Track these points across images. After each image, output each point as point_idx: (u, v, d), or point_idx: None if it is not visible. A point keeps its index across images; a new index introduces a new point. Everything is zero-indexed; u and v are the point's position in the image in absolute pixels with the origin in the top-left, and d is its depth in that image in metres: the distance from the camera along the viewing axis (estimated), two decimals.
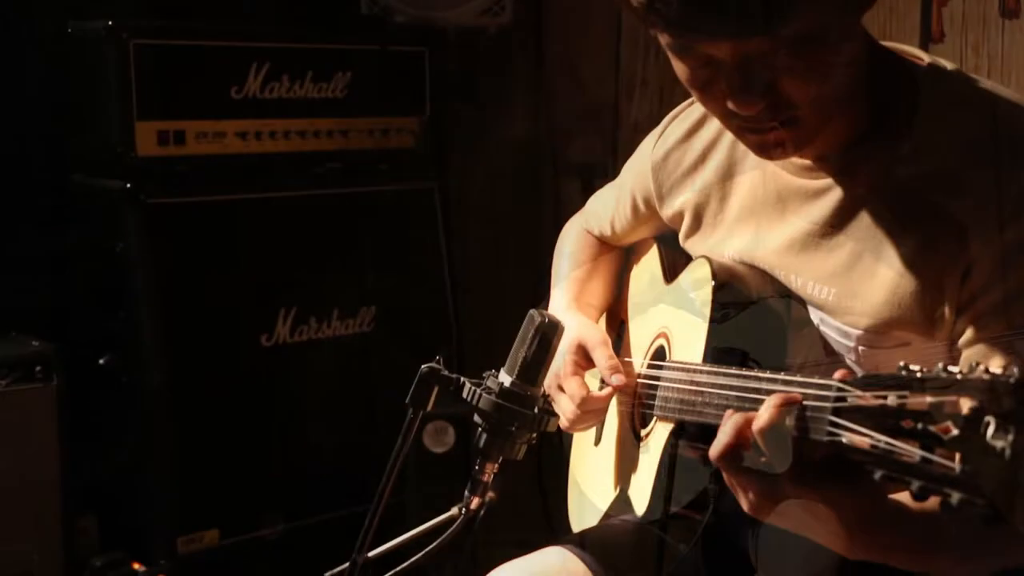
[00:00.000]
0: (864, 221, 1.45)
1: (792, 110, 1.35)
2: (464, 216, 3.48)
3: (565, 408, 1.72)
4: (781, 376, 1.24)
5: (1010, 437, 0.92)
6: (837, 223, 1.48)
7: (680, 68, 1.39)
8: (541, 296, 1.94)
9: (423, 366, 1.55)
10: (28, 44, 3.02)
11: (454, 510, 1.60)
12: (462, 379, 1.57)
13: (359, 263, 3.11)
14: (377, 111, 3.16)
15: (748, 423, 1.21)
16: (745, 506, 1.26)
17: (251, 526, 2.92)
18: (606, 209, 1.92)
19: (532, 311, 1.58)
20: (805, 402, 1.17)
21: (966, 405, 0.96)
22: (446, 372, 1.56)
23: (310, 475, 3.01)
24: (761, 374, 1.29)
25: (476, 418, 1.57)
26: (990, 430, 0.93)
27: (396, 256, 3.18)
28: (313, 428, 3.02)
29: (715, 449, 1.24)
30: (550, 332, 1.55)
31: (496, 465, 1.58)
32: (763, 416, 1.19)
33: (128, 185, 2.76)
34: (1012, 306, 1.33)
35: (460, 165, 3.55)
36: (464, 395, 1.57)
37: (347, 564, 1.58)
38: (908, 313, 1.41)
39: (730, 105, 1.35)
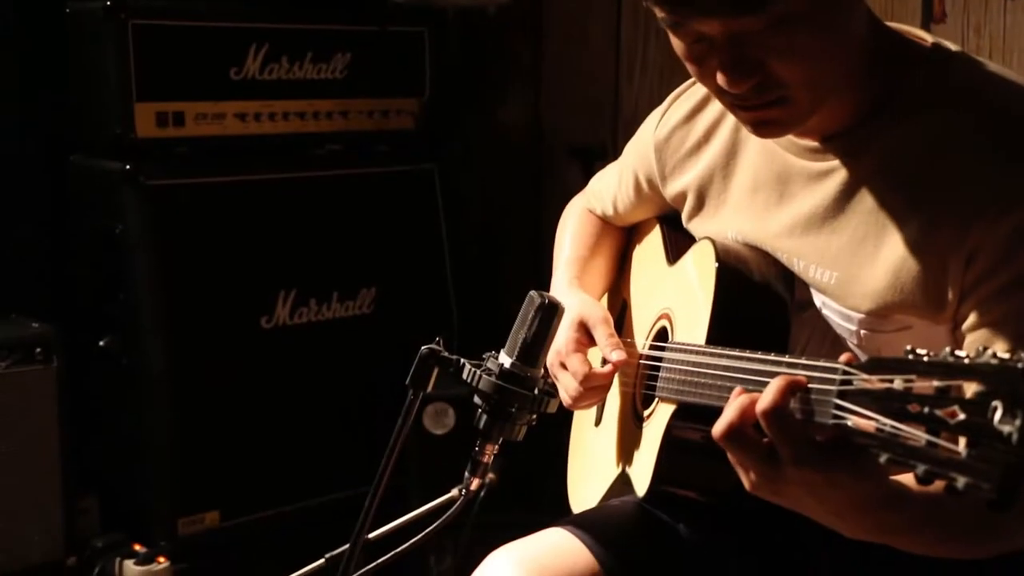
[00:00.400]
0: (867, 204, 1.44)
1: (783, 90, 1.35)
2: (464, 197, 3.48)
3: (568, 385, 1.71)
4: (786, 359, 1.24)
5: (1018, 422, 0.91)
6: (840, 206, 1.47)
7: (675, 42, 1.39)
8: (541, 277, 1.94)
9: (423, 347, 1.55)
10: (27, 25, 3.01)
11: (454, 491, 1.61)
12: (462, 360, 1.56)
13: (359, 245, 3.11)
14: (377, 92, 3.15)
15: (753, 404, 1.20)
16: (746, 485, 1.26)
17: (252, 508, 2.93)
18: (608, 189, 1.92)
19: (532, 292, 1.57)
20: (810, 385, 1.16)
21: (973, 389, 0.95)
22: (446, 353, 1.55)
23: (310, 457, 3.01)
24: (765, 356, 1.29)
25: (476, 399, 1.56)
26: (997, 415, 0.92)
27: (396, 238, 3.18)
28: (313, 410, 3.02)
29: (718, 428, 1.24)
30: (550, 313, 1.55)
31: (496, 446, 1.58)
32: (767, 398, 1.18)
33: (127, 167, 2.76)
34: (1016, 291, 1.32)
35: (460, 146, 3.54)
36: (464, 376, 1.56)
37: (347, 546, 1.57)
38: (911, 297, 1.40)
39: (719, 82, 1.35)
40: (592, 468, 1.89)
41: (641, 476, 1.63)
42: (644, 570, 1.61)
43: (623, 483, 1.73)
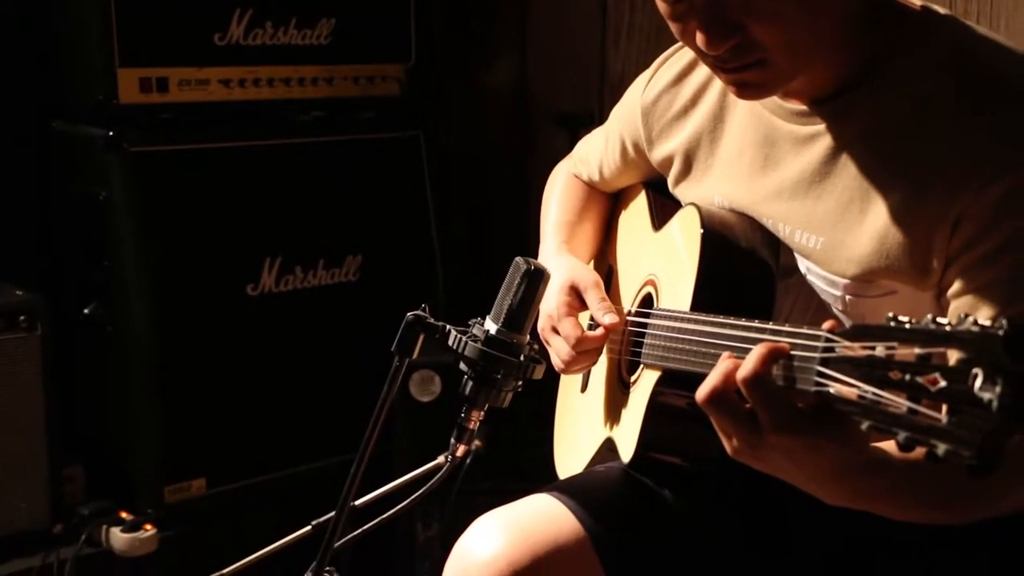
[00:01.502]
0: (853, 169, 1.45)
1: (761, 52, 1.36)
2: (450, 164, 3.48)
3: (560, 350, 1.72)
4: (770, 326, 1.25)
5: (998, 389, 0.92)
6: (826, 170, 1.47)
7: (658, 2, 1.40)
8: (528, 243, 1.95)
9: (409, 313, 1.55)
10: None
11: (440, 458, 1.61)
12: (448, 327, 1.57)
13: (344, 212, 3.11)
14: (362, 58, 3.14)
15: (737, 369, 1.21)
16: (728, 450, 1.27)
17: (238, 475, 2.94)
18: (594, 153, 1.92)
19: (518, 258, 1.58)
20: (793, 352, 1.17)
21: (954, 356, 0.96)
22: (431, 320, 1.56)
23: (297, 424, 3.02)
24: (749, 323, 1.29)
25: (462, 366, 1.57)
26: (978, 382, 0.93)
27: (382, 205, 3.18)
28: (299, 378, 3.02)
29: (702, 392, 1.25)
30: (536, 279, 1.56)
31: (482, 413, 1.59)
32: (748, 365, 1.19)
33: (111, 133, 2.74)
34: (1001, 258, 1.33)
35: (446, 113, 3.54)
36: (450, 343, 1.57)
37: (333, 513, 1.58)
38: (896, 263, 1.41)
39: (698, 43, 1.37)
40: (578, 434, 1.90)
41: (627, 442, 1.64)
42: (629, 536, 1.62)
43: (608, 449, 1.74)
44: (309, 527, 1.81)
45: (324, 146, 3.06)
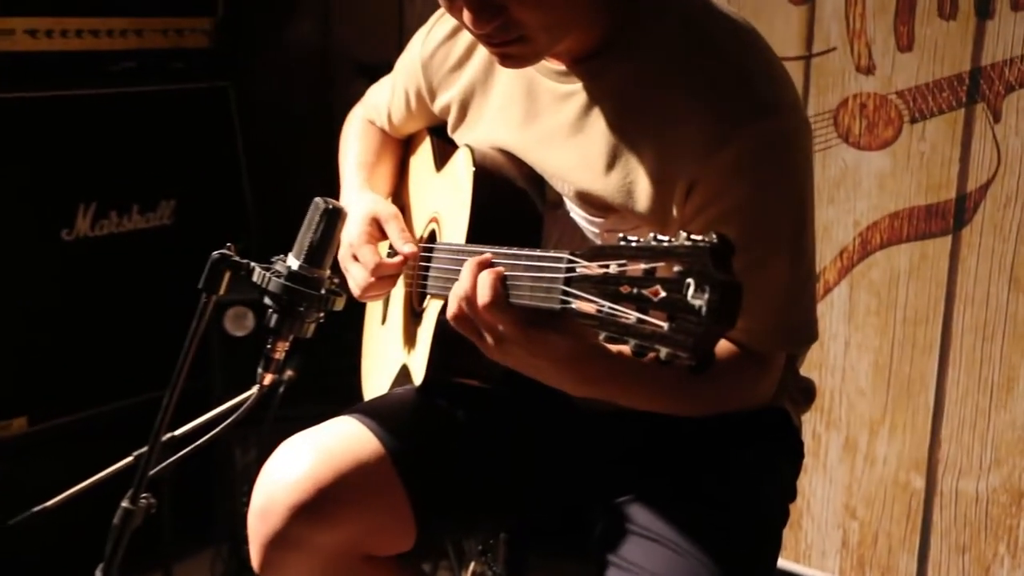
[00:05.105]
0: (602, 126, 1.50)
1: (522, 30, 1.40)
2: (259, 113, 3.43)
3: (358, 276, 1.72)
4: (524, 251, 1.29)
5: (706, 296, 0.98)
6: (579, 126, 1.53)
7: None
8: (332, 187, 1.94)
9: (214, 252, 1.55)
10: None
11: (254, 388, 1.61)
12: (252, 264, 1.57)
13: (158, 159, 3.05)
14: (170, 11, 3.07)
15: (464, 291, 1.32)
16: (484, 351, 1.36)
17: (60, 412, 2.89)
18: (383, 102, 1.94)
19: (317, 198, 1.59)
20: (540, 274, 1.22)
21: (672, 268, 1.02)
22: (237, 258, 1.56)
23: (116, 362, 2.98)
24: (509, 250, 1.33)
25: (266, 300, 1.57)
26: (690, 291, 0.99)
27: (194, 152, 3.13)
28: (117, 317, 2.98)
29: (448, 314, 1.34)
30: (334, 217, 1.57)
31: (287, 344, 1.59)
32: (464, 283, 1.31)
33: None
34: (727, 222, 1.41)
35: (254, 64, 3.49)
36: (254, 279, 1.57)
37: (148, 445, 1.58)
38: (640, 215, 1.48)
39: (465, 20, 1.41)
40: (380, 362, 1.94)
41: (418, 366, 1.69)
42: (425, 452, 1.66)
43: (404, 374, 1.77)
44: (131, 458, 1.81)
45: (135, 96, 2.98)
